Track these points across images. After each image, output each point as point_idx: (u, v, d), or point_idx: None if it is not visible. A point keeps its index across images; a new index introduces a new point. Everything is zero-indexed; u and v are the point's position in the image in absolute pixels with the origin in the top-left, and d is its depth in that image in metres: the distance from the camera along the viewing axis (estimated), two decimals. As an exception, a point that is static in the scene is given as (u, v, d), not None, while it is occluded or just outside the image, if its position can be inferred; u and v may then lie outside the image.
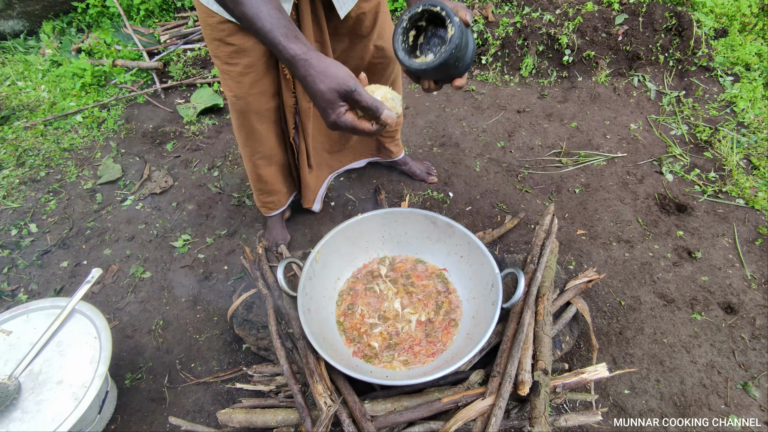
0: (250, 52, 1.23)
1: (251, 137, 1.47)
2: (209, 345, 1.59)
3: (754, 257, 1.79)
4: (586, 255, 1.81)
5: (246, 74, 1.27)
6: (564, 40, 2.55)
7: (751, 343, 1.55)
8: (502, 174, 2.15)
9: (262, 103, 1.35)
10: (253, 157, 1.55)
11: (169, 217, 2.03)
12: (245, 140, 1.49)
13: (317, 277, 1.36)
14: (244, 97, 1.32)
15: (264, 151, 1.53)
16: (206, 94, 2.61)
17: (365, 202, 2.03)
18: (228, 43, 1.20)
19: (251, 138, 1.47)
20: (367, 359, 1.27)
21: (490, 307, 1.22)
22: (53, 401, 1.17)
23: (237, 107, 1.36)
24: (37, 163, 2.31)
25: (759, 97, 2.39)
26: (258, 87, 1.31)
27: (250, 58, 1.24)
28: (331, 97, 0.81)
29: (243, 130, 1.45)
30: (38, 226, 2.02)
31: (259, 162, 1.57)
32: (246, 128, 1.44)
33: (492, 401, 1.05)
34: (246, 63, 1.24)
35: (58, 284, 1.79)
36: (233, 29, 1.18)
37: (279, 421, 1.13)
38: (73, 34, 3.21)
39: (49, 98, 2.71)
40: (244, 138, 1.48)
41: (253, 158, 1.55)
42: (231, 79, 1.28)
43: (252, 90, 1.30)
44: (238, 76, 1.27)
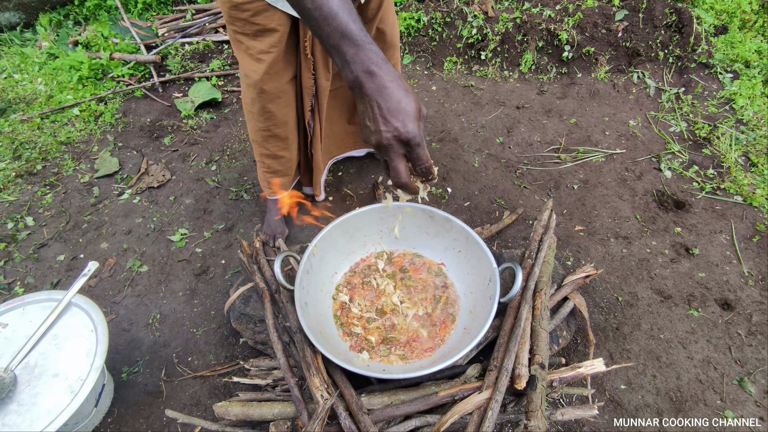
0: (273, 33, 1.24)
1: (265, 116, 1.46)
2: (206, 339, 1.59)
3: (752, 254, 1.79)
4: (584, 251, 1.81)
5: (267, 53, 1.27)
6: (564, 36, 2.54)
7: (747, 340, 1.55)
8: (501, 169, 2.14)
9: (279, 84, 1.35)
10: (265, 136, 1.54)
11: (166, 211, 2.03)
12: (258, 119, 1.47)
13: (314, 271, 1.35)
14: (262, 78, 1.32)
15: (278, 132, 1.52)
16: (204, 88, 2.59)
17: (363, 197, 2.02)
18: (253, 23, 1.21)
19: (265, 117, 1.46)
20: (363, 353, 1.27)
21: (487, 302, 1.22)
22: (49, 394, 1.17)
23: (254, 88, 1.36)
24: (34, 156, 2.30)
25: (758, 94, 2.39)
26: (277, 67, 1.32)
27: (272, 38, 1.25)
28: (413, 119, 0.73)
29: (256, 106, 1.43)
30: (35, 219, 2.01)
31: (272, 141, 1.55)
32: (259, 107, 1.42)
33: (489, 395, 1.05)
34: (269, 43, 1.25)
35: (55, 277, 1.79)
36: (259, 8, 1.18)
37: (275, 414, 1.13)
38: (70, 27, 3.19)
39: (45, 91, 2.69)
40: (257, 117, 1.46)
41: (266, 137, 1.54)
42: (251, 58, 1.28)
43: (271, 70, 1.31)
44: (259, 54, 1.27)
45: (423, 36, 2.82)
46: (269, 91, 1.36)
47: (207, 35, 3.01)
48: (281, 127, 1.50)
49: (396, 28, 1.54)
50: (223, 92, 2.64)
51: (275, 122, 1.47)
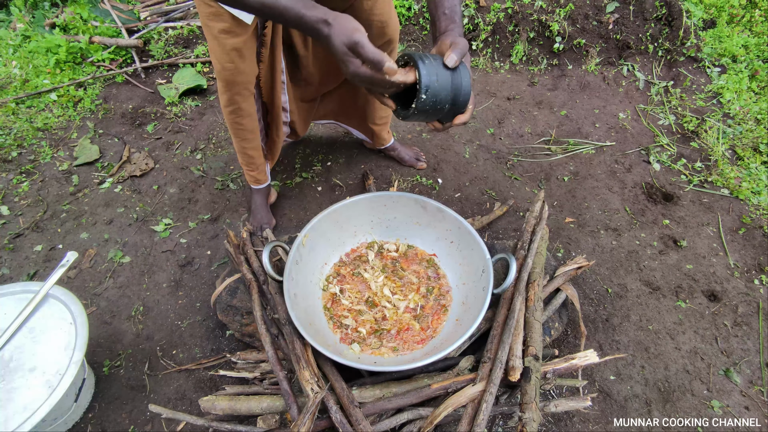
0: (242, 25, 1.22)
1: (237, 114, 1.44)
2: (191, 331, 1.55)
3: (737, 246, 1.81)
4: (574, 242, 1.81)
5: (234, 45, 1.25)
6: (555, 27, 2.53)
7: (733, 330, 1.57)
8: (492, 161, 2.13)
9: (247, 73, 1.33)
10: (239, 133, 1.52)
11: (149, 200, 1.96)
12: (232, 117, 1.46)
13: (304, 261, 1.32)
14: (231, 68, 1.29)
15: (248, 126, 1.50)
16: (189, 74, 2.51)
17: (353, 187, 1.99)
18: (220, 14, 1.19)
19: (237, 115, 1.44)
20: (354, 345, 1.25)
21: (480, 293, 1.21)
22: (26, 389, 1.12)
23: (223, 77, 1.32)
24: (8, 143, 2.20)
25: (744, 88, 2.41)
26: (245, 55, 1.29)
27: (242, 30, 1.23)
28: (342, 51, 0.84)
29: (230, 106, 1.42)
30: (10, 208, 1.93)
31: (247, 137, 1.54)
32: (233, 104, 1.41)
33: (483, 387, 1.03)
34: (238, 36, 1.23)
35: (32, 268, 1.72)
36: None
37: (264, 408, 1.10)
38: (47, 9, 3.06)
39: (20, 75, 2.58)
40: (231, 114, 1.45)
41: (239, 134, 1.53)
42: (220, 48, 1.24)
43: (240, 59, 1.28)
44: (227, 47, 1.25)
45: (414, 25, 2.77)
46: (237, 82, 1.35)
47: (191, 20, 2.91)
48: (249, 122, 1.50)
49: (396, 22, 1.50)
50: (208, 79, 2.56)
51: (244, 117, 1.47)
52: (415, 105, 0.87)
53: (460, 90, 0.89)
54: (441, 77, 0.86)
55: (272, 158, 1.75)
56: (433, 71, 0.86)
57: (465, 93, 0.90)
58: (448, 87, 0.88)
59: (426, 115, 0.92)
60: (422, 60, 0.86)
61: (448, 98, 0.89)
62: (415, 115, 0.91)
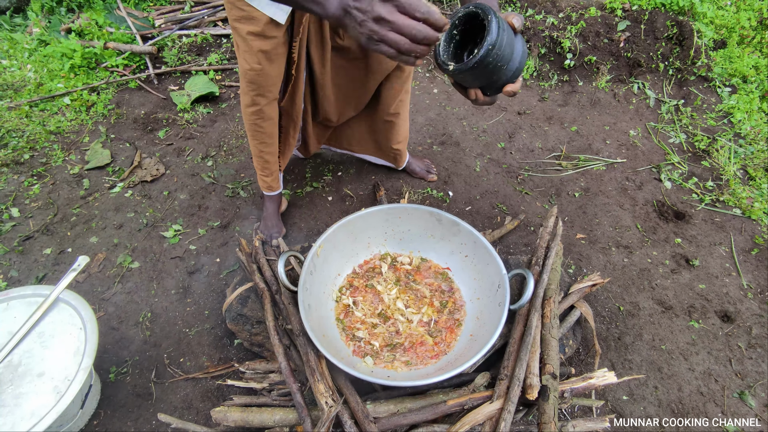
0: (273, 29, 1.22)
1: (258, 115, 1.43)
2: (199, 339, 1.53)
3: (750, 267, 1.79)
4: (585, 259, 1.79)
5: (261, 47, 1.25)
6: (566, 44, 2.55)
7: (747, 352, 1.55)
8: (502, 175, 2.12)
9: (273, 77, 1.33)
10: (257, 136, 1.52)
11: (159, 206, 1.96)
12: (253, 118, 1.44)
13: (317, 272, 1.31)
14: (258, 69, 1.29)
15: (268, 130, 1.50)
16: (201, 81, 2.53)
17: (363, 198, 1.99)
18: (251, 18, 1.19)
19: (258, 116, 1.44)
20: (367, 358, 1.23)
21: (495, 308, 1.19)
22: (33, 395, 1.11)
23: (249, 78, 1.32)
24: (21, 145, 2.21)
25: (755, 109, 2.42)
26: (273, 59, 1.29)
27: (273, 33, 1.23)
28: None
29: (252, 107, 1.41)
30: (20, 210, 1.93)
31: (265, 141, 1.54)
32: (255, 105, 1.40)
33: (501, 405, 1.02)
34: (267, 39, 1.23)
35: (41, 272, 1.71)
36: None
37: (276, 421, 1.08)
38: (63, 14, 3.09)
39: (35, 78, 2.60)
40: (252, 115, 1.44)
41: (258, 136, 1.52)
42: (248, 49, 1.25)
43: (267, 62, 1.29)
44: (255, 48, 1.25)
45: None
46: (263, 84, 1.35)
47: (205, 28, 2.94)
48: (269, 128, 1.49)
49: None
50: (220, 87, 2.58)
51: (266, 120, 1.46)
52: (480, 54, 0.78)
53: (520, 54, 0.84)
54: (508, 35, 0.80)
55: (283, 160, 1.74)
56: (503, 25, 0.79)
57: (523, 59, 0.85)
58: (512, 46, 0.82)
59: (481, 74, 0.83)
60: (493, 13, 0.78)
61: (509, 58, 0.82)
62: (472, 70, 0.81)
